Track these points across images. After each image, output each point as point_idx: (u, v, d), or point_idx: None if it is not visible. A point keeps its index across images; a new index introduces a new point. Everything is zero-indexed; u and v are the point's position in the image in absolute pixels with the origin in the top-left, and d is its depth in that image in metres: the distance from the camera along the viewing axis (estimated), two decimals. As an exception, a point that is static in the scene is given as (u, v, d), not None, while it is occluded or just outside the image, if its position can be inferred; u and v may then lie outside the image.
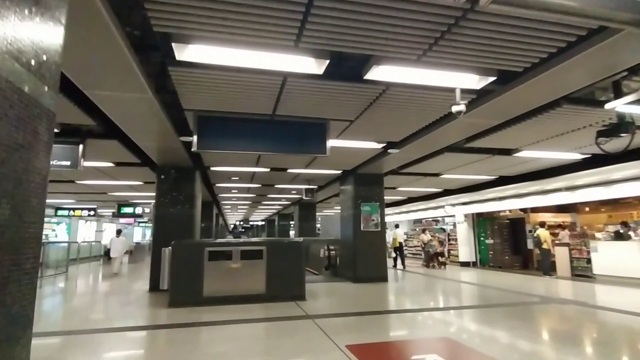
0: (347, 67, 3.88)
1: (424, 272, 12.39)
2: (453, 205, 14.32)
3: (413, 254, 19.72)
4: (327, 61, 3.43)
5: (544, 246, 10.89)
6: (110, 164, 7.95)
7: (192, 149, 4.63)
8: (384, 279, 9.16)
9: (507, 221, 13.69)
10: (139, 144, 6.14)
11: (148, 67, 3.84)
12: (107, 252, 16.33)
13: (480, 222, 14.54)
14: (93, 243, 18.47)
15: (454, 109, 4.04)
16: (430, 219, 21.09)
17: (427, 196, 14.84)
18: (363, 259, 9.08)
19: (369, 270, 9.05)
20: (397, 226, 14.17)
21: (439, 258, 13.55)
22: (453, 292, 8.30)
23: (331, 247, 10.85)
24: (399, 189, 12.68)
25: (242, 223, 36.21)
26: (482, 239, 14.24)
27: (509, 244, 13.33)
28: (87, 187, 11.37)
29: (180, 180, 8.14)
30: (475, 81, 3.98)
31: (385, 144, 6.64)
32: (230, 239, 15.43)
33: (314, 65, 3.53)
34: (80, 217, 17.87)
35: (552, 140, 6.20)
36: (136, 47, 3.35)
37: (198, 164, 8.32)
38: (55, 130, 5.52)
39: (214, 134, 4.72)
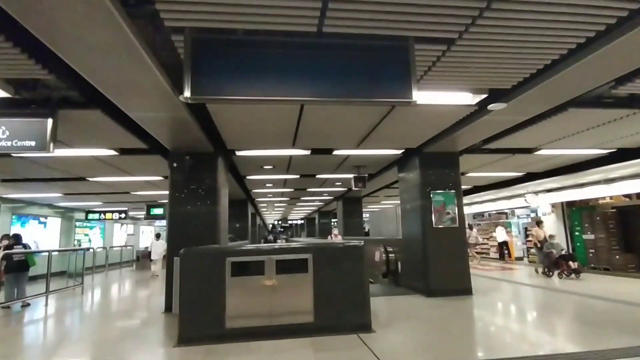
0: None
1: (499, 277, 9.83)
2: (535, 193, 11.53)
3: (478, 252, 17.09)
4: None
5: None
6: (113, 152, 6.30)
7: (185, 95, 2.68)
8: (467, 291, 6.84)
9: (613, 210, 10.71)
10: (129, 112, 4.32)
11: None
12: (138, 258, 15.91)
13: (573, 213, 11.62)
14: (122, 248, 17.61)
15: None
16: (495, 212, 18.25)
17: (497, 184, 12.21)
18: (438, 265, 6.82)
19: (446, 280, 6.79)
20: None
21: (569, 263, 9.11)
22: (595, 313, 5.61)
23: (389, 249, 8.72)
24: (469, 174, 10.20)
25: (280, 222, 34.73)
26: (577, 234, 11.34)
27: (618, 240, 10.37)
28: (105, 185, 10.00)
29: (199, 169, 6.35)
30: None
31: (486, 95, 4.38)
32: (260, 244, 13.55)
33: None
34: (112, 219, 16.88)
35: None
36: None
37: (220, 149, 6.50)
38: (7, 95, 3.84)
39: (221, 69, 2.74)
